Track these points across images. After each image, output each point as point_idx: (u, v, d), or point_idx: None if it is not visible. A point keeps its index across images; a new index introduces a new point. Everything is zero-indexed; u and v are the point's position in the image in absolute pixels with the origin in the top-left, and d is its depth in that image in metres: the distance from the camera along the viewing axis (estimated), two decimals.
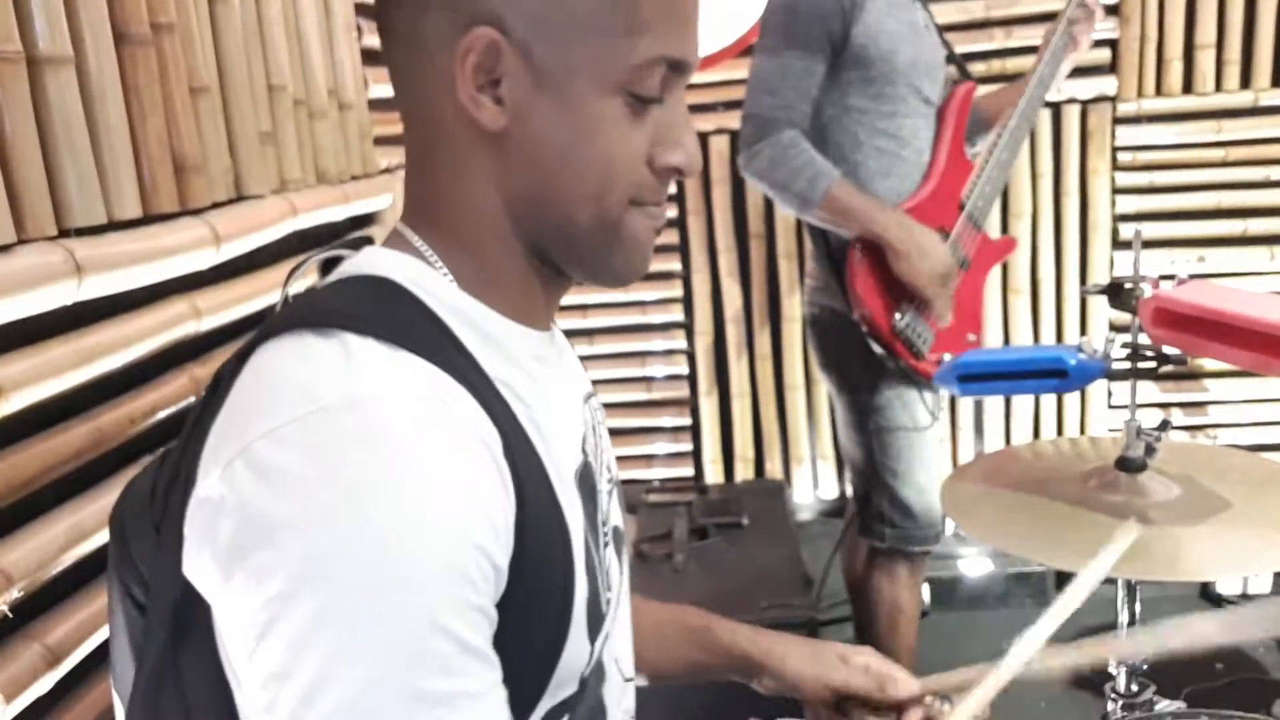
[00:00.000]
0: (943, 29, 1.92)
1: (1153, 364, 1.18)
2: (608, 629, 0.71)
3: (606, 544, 0.72)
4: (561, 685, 0.66)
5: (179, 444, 0.63)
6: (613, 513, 0.79)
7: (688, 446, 2.83)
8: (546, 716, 0.66)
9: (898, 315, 1.74)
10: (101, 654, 0.99)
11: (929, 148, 1.84)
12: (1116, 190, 2.59)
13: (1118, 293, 1.21)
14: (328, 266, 0.72)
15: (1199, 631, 0.84)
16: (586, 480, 0.70)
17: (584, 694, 0.68)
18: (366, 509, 0.52)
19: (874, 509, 1.87)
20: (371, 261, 0.67)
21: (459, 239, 0.67)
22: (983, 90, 1.93)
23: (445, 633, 0.52)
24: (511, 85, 0.63)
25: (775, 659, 0.93)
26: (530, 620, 0.60)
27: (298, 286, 0.73)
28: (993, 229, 1.90)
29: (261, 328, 0.61)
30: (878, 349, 1.76)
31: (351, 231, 1.69)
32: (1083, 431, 2.70)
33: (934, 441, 1.88)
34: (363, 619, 0.51)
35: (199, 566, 0.56)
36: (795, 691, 0.93)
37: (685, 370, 2.78)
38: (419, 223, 0.68)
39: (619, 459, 0.86)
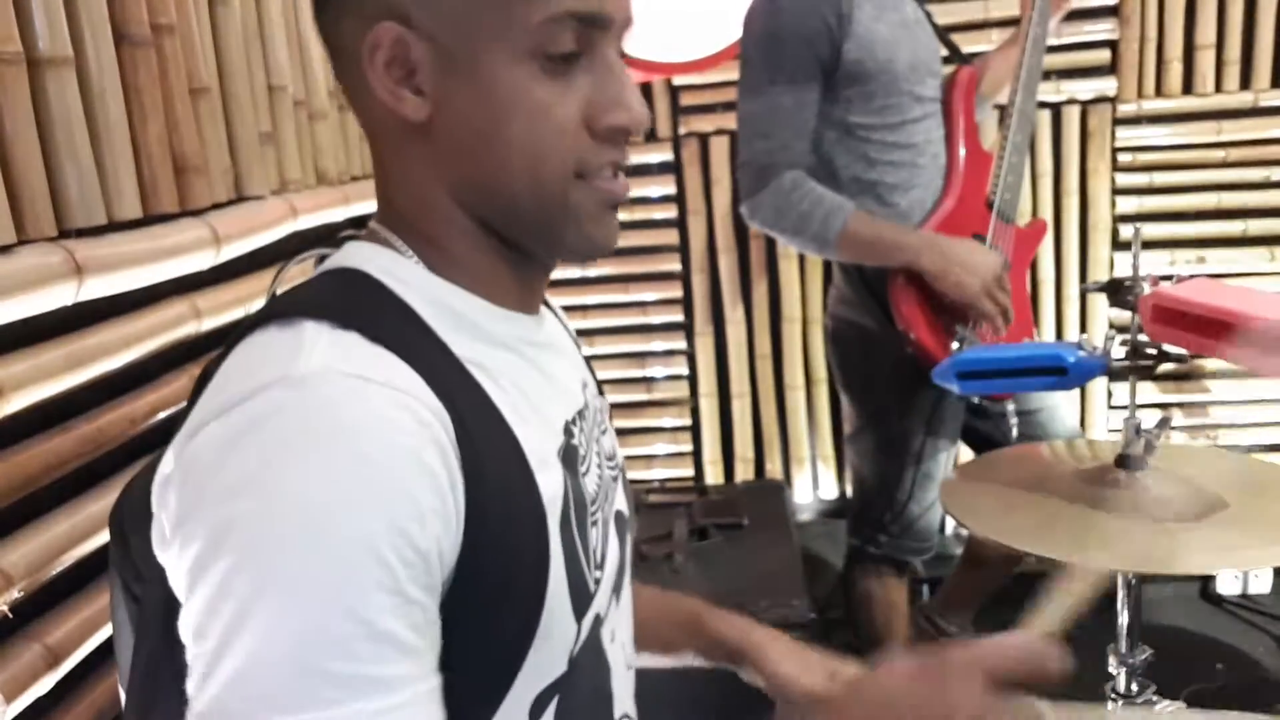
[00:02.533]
0: (942, 29, 1.84)
1: (1152, 362, 1.18)
2: (598, 609, 0.71)
3: (594, 524, 0.72)
4: (546, 663, 0.65)
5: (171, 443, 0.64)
6: (614, 498, 0.79)
7: (688, 447, 2.83)
8: (536, 699, 0.66)
9: (955, 345, 1.63)
10: (101, 654, 0.99)
11: (944, 147, 1.74)
12: (1116, 190, 2.59)
13: (1117, 290, 1.21)
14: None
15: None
16: (570, 462, 0.70)
17: (575, 676, 0.68)
18: (280, 481, 0.52)
19: (873, 517, 1.82)
20: (347, 256, 0.68)
21: (421, 231, 0.68)
22: None
23: (349, 614, 0.51)
24: (426, 74, 0.63)
25: (767, 660, 0.92)
26: (498, 595, 0.60)
27: (286, 287, 0.74)
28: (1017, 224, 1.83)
29: (240, 327, 0.63)
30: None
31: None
32: (1083, 431, 2.70)
33: (949, 461, 1.81)
34: (263, 591, 0.51)
35: (161, 544, 0.58)
36: (778, 691, 0.93)
37: (685, 371, 2.78)
38: (387, 219, 0.70)
39: None
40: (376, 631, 0.52)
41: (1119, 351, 1.19)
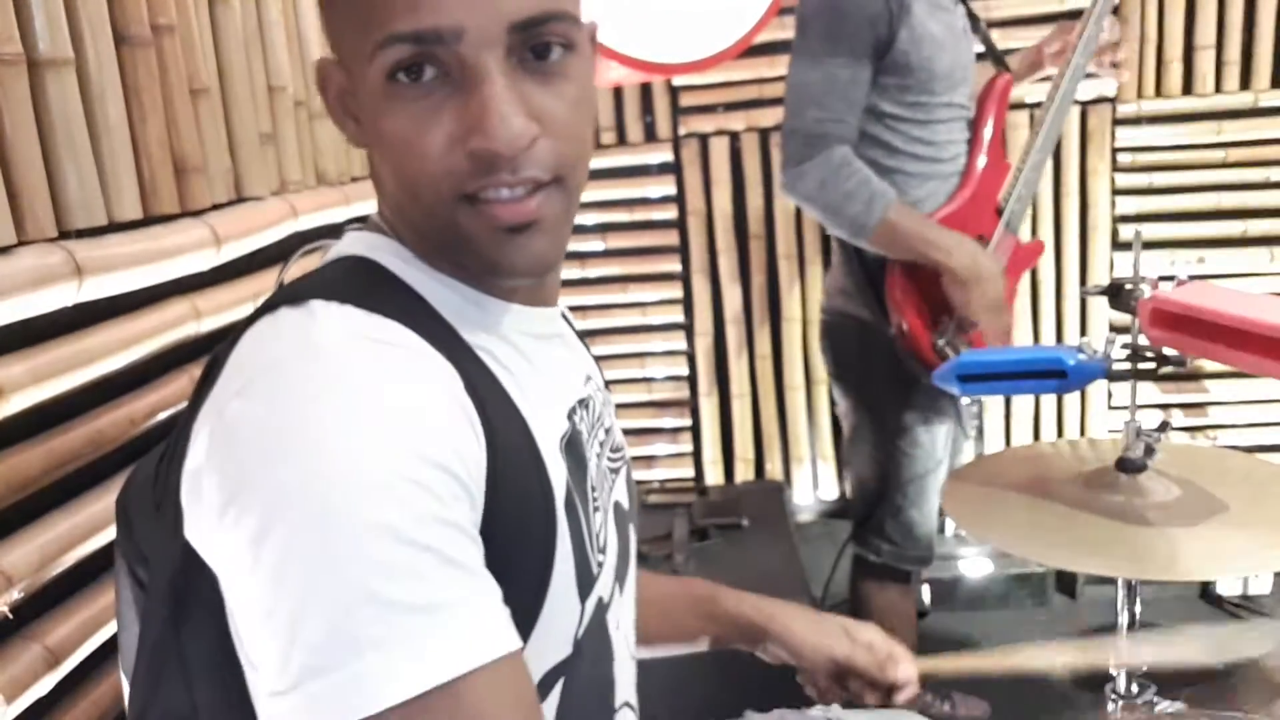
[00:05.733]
0: (989, 40, 1.88)
1: (1152, 365, 1.18)
2: (601, 593, 0.72)
3: (597, 509, 0.73)
4: (552, 643, 0.66)
5: (178, 427, 0.64)
6: (615, 488, 0.80)
7: (688, 447, 2.83)
8: (541, 680, 0.66)
9: (938, 333, 1.68)
10: (102, 654, 0.99)
11: (965, 151, 1.78)
12: (1116, 191, 2.59)
13: (1117, 294, 1.21)
14: None
15: (1197, 643, 0.84)
16: (574, 448, 0.71)
17: (579, 660, 0.69)
18: (319, 439, 0.53)
19: (875, 524, 1.83)
20: (351, 244, 0.70)
21: (401, 230, 0.69)
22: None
23: (413, 544, 0.52)
24: (351, 101, 0.66)
25: (780, 626, 0.94)
26: (509, 561, 0.61)
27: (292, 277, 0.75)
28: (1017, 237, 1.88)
29: (251, 314, 0.64)
30: (915, 368, 1.69)
31: None
32: (1083, 432, 2.70)
33: (946, 468, 1.83)
34: (325, 542, 0.51)
35: (199, 532, 0.58)
36: (798, 658, 0.94)
37: (685, 371, 2.78)
38: (383, 216, 0.71)
39: None
40: (445, 558, 0.54)
41: (1119, 354, 1.19)
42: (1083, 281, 2.62)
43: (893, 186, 1.68)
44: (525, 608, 0.63)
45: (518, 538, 0.62)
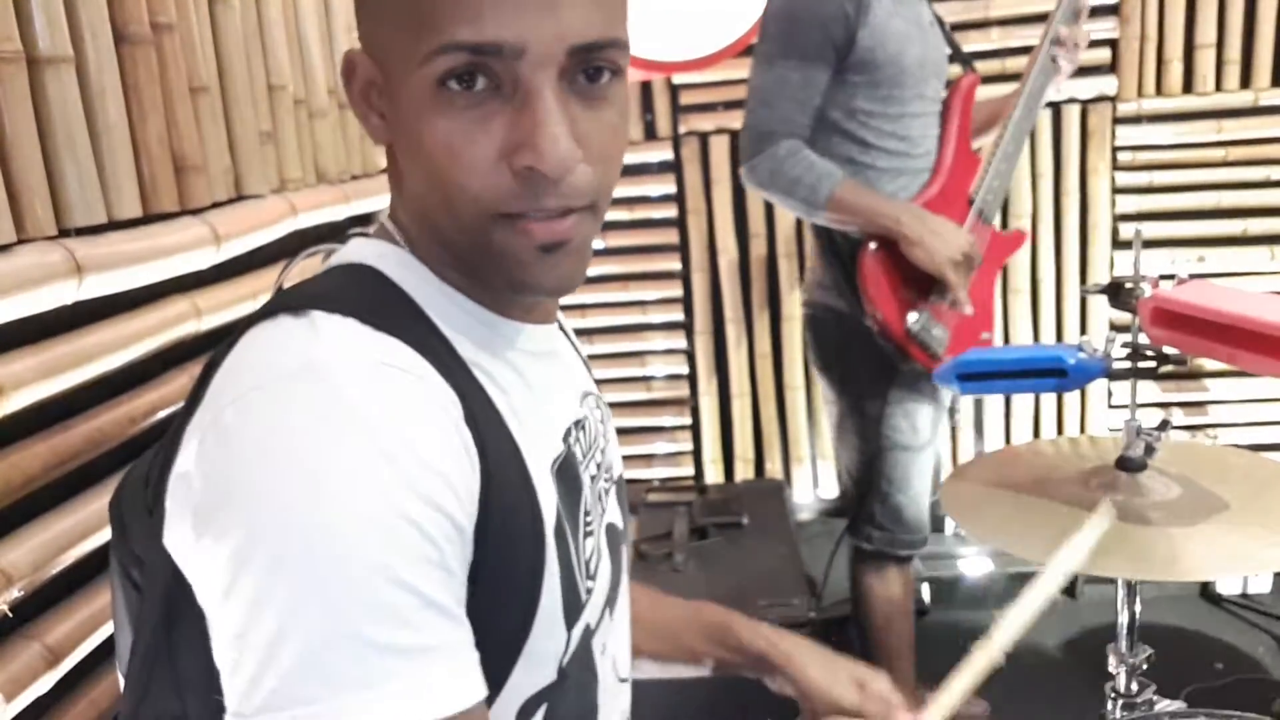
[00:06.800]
0: (953, 36, 1.90)
1: (1153, 363, 1.18)
2: (588, 620, 0.71)
3: (589, 534, 0.72)
4: (536, 670, 0.66)
5: (172, 429, 0.64)
6: (608, 510, 0.79)
7: (688, 446, 2.83)
8: (524, 705, 0.66)
9: (911, 317, 1.72)
10: (101, 654, 0.99)
11: (936, 147, 1.82)
12: (1116, 190, 2.59)
13: (1118, 292, 1.21)
14: None
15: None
16: (567, 470, 0.70)
17: (564, 685, 0.68)
18: (315, 467, 0.53)
19: (865, 512, 1.86)
20: (356, 251, 0.69)
21: (420, 236, 0.68)
22: (982, 91, 1.91)
23: (401, 585, 0.52)
24: (379, 98, 0.65)
25: (794, 666, 0.92)
26: (496, 591, 0.60)
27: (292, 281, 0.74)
28: (995, 227, 1.89)
29: (249, 317, 0.63)
30: (893, 355, 1.73)
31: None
32: (1083, 431, 2.71)
33: (932, 452, 1.86)
34: (313, 574, 0.51)
35: (179, 537, 0.58)
36: (805, 701, 0.93)
37: (685, 370, 2.78)
38: (395, 218, 0.70)
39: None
40: (429, 601, 0.54)
41: (1119, 353, 1.19)
42: (1083, 280, 2.62)
43: (865, 182, 1.73)
44: (511, 636, 0.63)
45: (506, 567, 0.62)
